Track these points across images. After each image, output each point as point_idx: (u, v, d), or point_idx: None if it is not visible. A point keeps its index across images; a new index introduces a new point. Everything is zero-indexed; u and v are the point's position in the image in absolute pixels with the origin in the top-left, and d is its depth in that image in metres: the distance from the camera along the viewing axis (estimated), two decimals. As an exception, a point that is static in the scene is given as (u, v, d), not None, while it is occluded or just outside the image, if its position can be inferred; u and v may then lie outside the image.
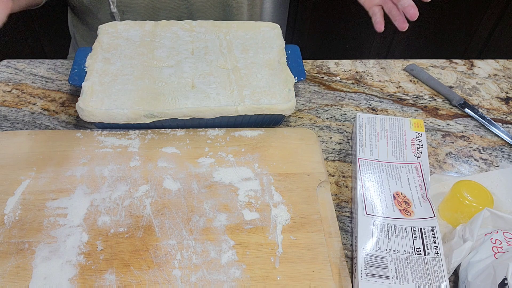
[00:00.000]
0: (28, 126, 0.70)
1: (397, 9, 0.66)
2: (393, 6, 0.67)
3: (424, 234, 0.54)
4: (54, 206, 0.56)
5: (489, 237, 0.53)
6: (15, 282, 0.49)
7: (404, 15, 0.65)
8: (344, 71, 0.86)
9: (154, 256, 0.52)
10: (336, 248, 0.56)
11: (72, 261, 0.51)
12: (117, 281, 0.50)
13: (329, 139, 0.73)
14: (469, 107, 0.79)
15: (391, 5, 0.67)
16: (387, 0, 0.68)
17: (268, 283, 0.51)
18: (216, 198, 0.58)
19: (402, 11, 0.65)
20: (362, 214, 0.56)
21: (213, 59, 0.72)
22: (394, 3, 0.66)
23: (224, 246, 0.53)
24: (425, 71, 0.85)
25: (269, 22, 0.79)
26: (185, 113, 0.63)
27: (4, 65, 0.81)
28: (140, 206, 0.57)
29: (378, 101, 0.80)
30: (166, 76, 0.68)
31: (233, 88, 0.67)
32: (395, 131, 0.67)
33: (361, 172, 0.62)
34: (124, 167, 0.61)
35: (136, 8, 0.83)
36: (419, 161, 0.63)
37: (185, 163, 0.62)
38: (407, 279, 0.50)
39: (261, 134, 0.67)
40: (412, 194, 0.59)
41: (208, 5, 0.86)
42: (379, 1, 0.69)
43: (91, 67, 0.68)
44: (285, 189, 0.60)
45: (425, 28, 1.68)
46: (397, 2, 0.66)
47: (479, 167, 0.70)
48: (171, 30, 0.76)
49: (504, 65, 0.90)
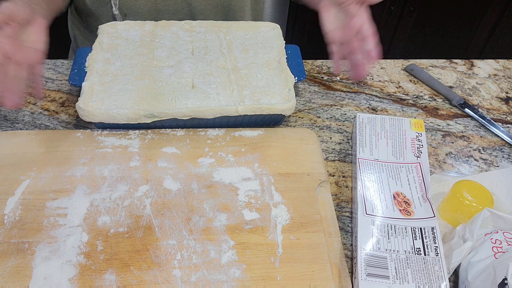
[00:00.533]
0: (28, 126, 0.70)
1: (358, 53, 0.62)
2: (355, 49, 0.62)
3: (424, 234, 0.54)
4: (54, 206, 0.56)
5: (489, 237, 0.53)
6: (15, 282, 0.49)
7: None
8: (344, 71, 0.86)
9: (154, 256, 0.52)
10: (336, 248, 0.56)
11: (72, 261, 0.51)
12: (117, 281, 0.50)
13: (329, 139, 0.73)
14: (469, 107, 0.79)
15: (354, 47, 0.62)
16: (350, 41, 0.62)
17: (268, 283, 0.51)
18: (216, 198, 0.58)
19: (366, 55, 0.61)
20: (362, 214, 0.56)
21: (213, 59, 0.72)
22: (355, 47, 0.62)
23: (224, 246, 0.53)
24: (425, 71, 0.85)
25: (269, 22, 0.79)
26: (185, 113, 0.63)
27: (4, 65, 0.81)
28: (140, 206, 0.57)
29: (378, 101, 0.80)
30: (166, 76, 0.68)
31: (233, 88, 0.67)
32: (395, 131, 0.67)
33: (361, 172, 0.62)
34: (124, 167, 0.61)
35: (138, 11, 0.83)
36: (419, 161, 0.63)
37: (185, 163, 0.62)
38: (407, 279, 0.50)
39: (261, 134, 0.67)
40: (412, 194, 0.59)
41: (210, 8, 0.85)
42: (340, 39, 0.63)
43: (91, 67, 0.68)
44: (285, 189, 0.60)
45: (425, 28, 1.68)
46: (359, 45, 0.61)
47: (479, 167, 0.70)
48: (171, 30, 0.76)
49: (504, 65, 0.90)
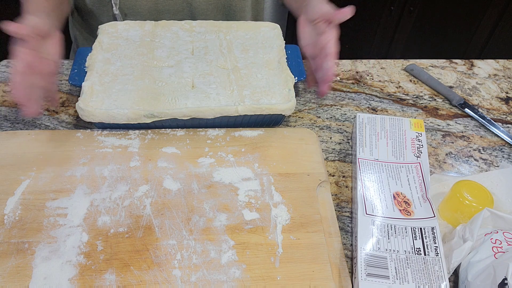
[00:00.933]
0: (28, 126, 0.70)
1: (320, 70, 0.65)
2: (318, 66, 0.65)
3: (424, 234, 0.54)
4: (54, 206, 0.56)
5: (489, 237, 0.53)
6: (15, 282, 0.49)
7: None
8: (344, 71, 0.86)
9: (154, 256, 0.52)
10: (336, 248, 0.56)
11: (72, 261, 0.51)
12: (117, 281, 0.50)
13: (329, 139, 0.73)
14: (469, 107, 0.79)
15: (318, 64, 0.65)
16: (316, 57, 0.65)
17: (268, 283, 0.51)
18: (216, 198, 0.58)
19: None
20: (362, 214, 0.56)
21: (213, 59, 0.72)
22: (319, 63, 0.64)
23: (224, 246, 0.53)
24: (425, 71, 0.85)
25: (269, 22, 0.79)
26: (185, 113, 0.63)
27: (4, 65, 0.81)
28: (140, 206, 0.57)
29: (378, 101, 0.80)
30: (166, 76, 0.68)
31: (233, 88, 0.67)
32: (395, 131, 0.67)
33: (361, 172, 0.62)
34: (124, 167, 0.61)
35: (138, 11, 0.83)
36: (419, 161, 0.63)
37: (185, 163, 0.62)
38: (407, 279, 0.50)
39: (261, 134, 0.67)
40: (412, 194, 0.59)
41: (211, 8, 0.85)
42: (310, 54, 0.67)
43: (91, 67, 0.68)
44: (285, 189, 0.60)
45: (425, 28, 1.68)
46: (322, 62, 0.64)
47: (479, 167, 0.70)
48: (171, 30, 0.76)
49: (504, 65, 0.90)
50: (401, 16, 1.63)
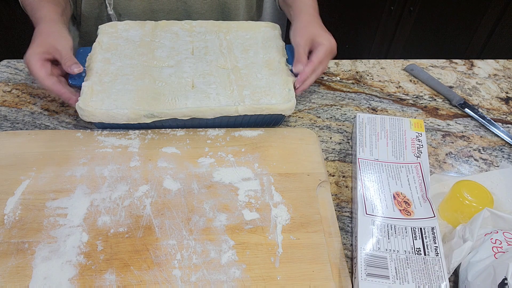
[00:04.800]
0: (28, 126, 0.70)
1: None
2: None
3: (424, 234, 0.54)
4: (54, 206, 0.56)
5: (489, 237, 0.53)
6: (15, 282, 0.49)
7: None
8: (344, 71, 0.86)
9: (154, 256, 0.52)
10: (336, 248, 0.56)
11: (72, 261, 0.51)
12: (117, 281, 0.50)
13: (329, 139, 0.73)
14: (469, 107, 0.79)
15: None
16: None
17: (268, 283, 0.51)
18: (216, 198, 0.58)
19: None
20: (362, 214, 0.56)
21: (213, 59, 0.72)
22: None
23: (224, 246, 0.53)
24: (425, 71, 0.85)
25: (269, 22, 0.79)
26: (185, 113, 0.63)
27: (4, 65, 0.81)
28: (140, 206, 0.57)
29: (378, 101, 0.80)
30: (166, 76, 0.68)
31: (233, 88, 0.67)
32: (395, 131, 0.67)
33: (361, 172, 0.62)
34: (124, 167, 0.61)
35: (133, 11, 0.83)
36: (419, 161, 0.63)
37: (185, 163, 0.62)
38: (407, 279, 0.50)
39: (261, 134, 0.67)
40: (412, 194, 0.59)
41: (206, 7, 0.85)
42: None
43: (91, 67, 0.68)
44: (285, 189, 0.60)
45: (425, 28, 1.68)
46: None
47: (479, 167, 0.70)
48: (171, 30, 0.76)
49: (504, 65, 0.90)
50: (401, 16, 1.63)
